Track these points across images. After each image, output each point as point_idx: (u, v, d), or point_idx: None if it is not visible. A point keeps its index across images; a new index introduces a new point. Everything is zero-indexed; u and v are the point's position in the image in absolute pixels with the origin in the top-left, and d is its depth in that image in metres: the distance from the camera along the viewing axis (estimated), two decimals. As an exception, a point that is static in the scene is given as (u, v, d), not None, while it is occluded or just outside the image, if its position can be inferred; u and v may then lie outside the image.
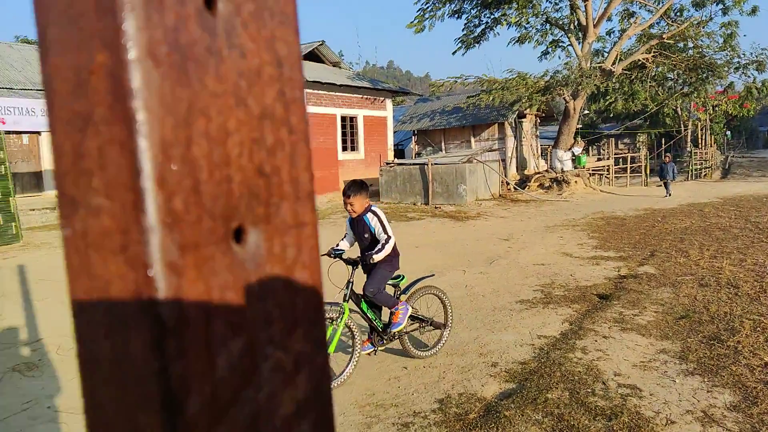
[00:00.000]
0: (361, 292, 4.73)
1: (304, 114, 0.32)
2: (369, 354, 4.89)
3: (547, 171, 22.18)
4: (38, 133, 19.21)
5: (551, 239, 11.19)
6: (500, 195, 19.82)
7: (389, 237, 4.57)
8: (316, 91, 19.31)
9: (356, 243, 4.88)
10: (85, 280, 0.25)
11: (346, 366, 4.61)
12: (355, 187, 4.59)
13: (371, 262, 4.51)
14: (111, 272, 0.24)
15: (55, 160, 0.25)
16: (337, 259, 4.60)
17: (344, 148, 21.02)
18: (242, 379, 0.27)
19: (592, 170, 23.74)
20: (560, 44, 23.64)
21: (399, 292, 4.99)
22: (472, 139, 22.94)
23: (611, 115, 36.06)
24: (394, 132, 25.14)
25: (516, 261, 9.11)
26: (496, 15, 21.78)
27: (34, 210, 16.90)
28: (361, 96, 21.34)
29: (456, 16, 22.34)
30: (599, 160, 27.08)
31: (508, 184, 20.46)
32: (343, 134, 20.93)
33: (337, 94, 20.25)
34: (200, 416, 0.24)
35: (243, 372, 0.27)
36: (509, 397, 4.09)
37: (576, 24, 21.81)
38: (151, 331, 0.23)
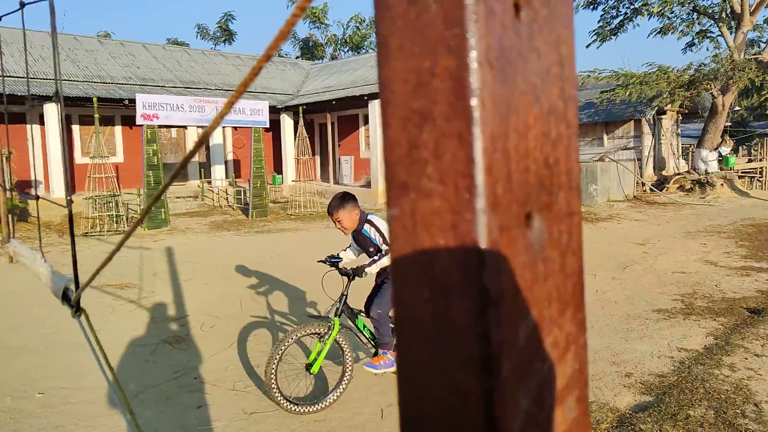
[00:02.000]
0: (360, 308, 4.34)
1: (576, 110, 0.34)
2: (376, 374, 4.40)
3: (688, 172, 20.54)
4: (185, 127, 21.05)
5: (692, 246, 10.37)
6: (635, 196, 18.67)
7: (384, 246, 4.06)
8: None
9: (363, 254, 4.46)
10: (411, 253, 0.29)
11: (335, 387, 4.20)
12: (336, 202, 4.11)
13: (363, 275, 4.06)
14: (439, 247, 0.28)
15: (389, 151, 0.29)
16: (333, 268, 4.22)
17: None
18: (534, 351, 0.30)
19: (742, 172, 21.62)
20: (709, 34, 21.73)
21: None
22: (605, 137, 21.80)
23: (766, 111, 32.57)
24: (520, 129, 24.49)
25: (652, 267, 8.56)
26: (637, 5, 20.47)
27: (179, 198, 18.58)
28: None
29: (591, 7, 21.31)
30: (750, 161, 24.59)
31: (644, 185, 19.22)
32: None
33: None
34: (509, 380, 0.28)
35: (534, 344, 0.30)
36: (645, 410, 3.88)
37: (728, 12, 19.91)
38: (476, 300, 0.27)
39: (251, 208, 16.36)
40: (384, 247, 4.05)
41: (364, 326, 4.27)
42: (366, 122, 20.53)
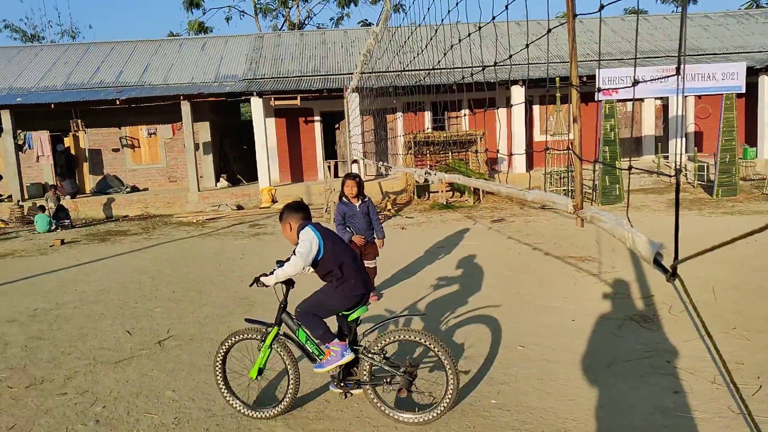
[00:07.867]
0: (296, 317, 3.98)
1: None
2: (340, 394, 4.03)
3: None
4: (641, 100, 20.12)
5: None
6: None
7: (293, 254, 3.67)
8: None
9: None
10: None
11: (283, 397, 3.98)
12: (279, 218, 4.03)
13: (259, 285, 3.82)
14: None
15: None
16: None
17: None
18: None
19: None
20: None
21: (349, 328, 3.91)
22: None
23: None
24: None
25: None
26: None
27: (633, 174, 18.01)
28: None
29: None
30: None
31: None
32: None
33: None
34: None
35: None
36: None
37: None
38: None
39: (716, 185, 14.62)
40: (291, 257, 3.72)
41: (307, 338, 3.92)
42: None
